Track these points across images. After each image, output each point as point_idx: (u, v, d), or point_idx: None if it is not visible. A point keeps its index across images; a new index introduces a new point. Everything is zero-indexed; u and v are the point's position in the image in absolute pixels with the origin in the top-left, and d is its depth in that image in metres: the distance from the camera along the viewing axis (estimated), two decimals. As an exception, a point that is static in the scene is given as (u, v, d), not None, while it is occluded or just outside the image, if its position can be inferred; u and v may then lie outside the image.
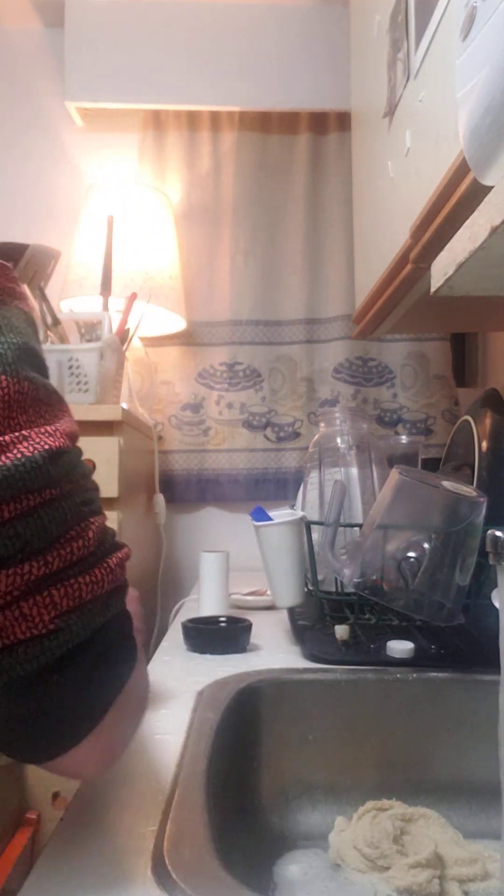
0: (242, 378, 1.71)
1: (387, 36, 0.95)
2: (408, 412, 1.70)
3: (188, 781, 0.50)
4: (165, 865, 0.39)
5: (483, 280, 0.59)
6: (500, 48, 0.46)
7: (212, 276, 1.72)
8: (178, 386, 1.72)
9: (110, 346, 1.26)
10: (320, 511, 1.01)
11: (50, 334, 1.32)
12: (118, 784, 0.50)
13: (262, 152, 1.73)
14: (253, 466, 1.70)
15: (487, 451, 0.92)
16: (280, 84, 1.70)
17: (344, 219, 1.66)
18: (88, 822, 0.44)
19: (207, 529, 1.75)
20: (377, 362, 1.72)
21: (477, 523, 0.73)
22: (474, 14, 0.50)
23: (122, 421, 1.19)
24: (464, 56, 0.51)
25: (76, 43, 1.68)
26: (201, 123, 1.73)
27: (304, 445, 1.69)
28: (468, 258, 0.53)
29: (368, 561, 0.77)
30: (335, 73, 1.65)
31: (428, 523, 0.75)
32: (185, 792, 0.48)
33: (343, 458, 1.02)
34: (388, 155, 0.96)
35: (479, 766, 0.69)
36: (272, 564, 0.97)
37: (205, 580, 1.09)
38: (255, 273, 1.71)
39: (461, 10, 0.52)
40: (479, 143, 0.51)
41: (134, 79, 1.67)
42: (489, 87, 0.48)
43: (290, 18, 1.71)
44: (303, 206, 1.71)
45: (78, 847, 0.41)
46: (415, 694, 0.72)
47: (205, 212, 1.73)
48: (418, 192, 0.78)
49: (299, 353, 1.71)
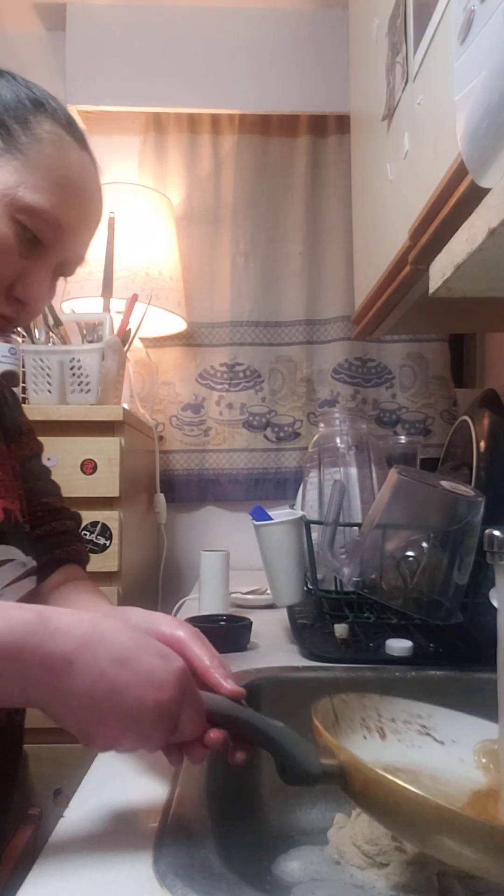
0: (242, 379, 1.72)
1: (386, 39, 0.96)
2: (406, 412, 1.71)
3: (188, 779, 0.50)
4: (166, 863, 0.39)
5: (481, 281, 0.59)
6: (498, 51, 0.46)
7: (212, 278, 1.73)
8: (179, 386, 1.72)
9: (111, 347, 1.26)
10: (320, 511, 1.01)
11: (52, 335, 1.32)
12: (119, 782, 0.50)
13: (262, 155, 1.74)
14: (253, 466, 1.71)
15: (486, 451, 0.92)
16: (280, 87, 1.71)
17: (343, 221, 1.67)
18: (90, 820, 0.45)
19: (208, 529, 1.76)
20: (376, 363, 1.73)
21: (475, 522, 0.73)
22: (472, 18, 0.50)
23: (123, 421, 1.20)
24: (462, 59, 0.52)
25: (77, 46, 1.69)
26: (202, 126, 1.74)
27: (304, 445, 1.70)
28: (466, 259, 0.54)
29: (367, 560, 0.78)
30: (334, 76, 1.66)
31: (426, 523, 0.76)
32: (185, 789, 0.49)
33: (342, 458, 1.02)
34: (387, 157, 0.97)
35: (478, 763, 0.69)
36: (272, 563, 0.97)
37: (205, 579, 1.09)
38: (255, 274, 1.72)
39: (459, 13, 0.53)
40: (476, 146, 0.51)
41: (135, 82, 1.68)
42: (487, 90, 0.48)
43: (289, 22, 1.71)
44: (302, 208, 1.72)
45: (79, 844, 0.42)
46: (413, 692, 0.73)
47: (205, 214, 1.73)
48: (417, 194, 0.78)
49: (299, 354, 1.72)
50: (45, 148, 0.57)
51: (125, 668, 0.41)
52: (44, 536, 0.73)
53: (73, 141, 0.60)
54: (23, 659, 0.39)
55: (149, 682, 0.41)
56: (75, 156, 0.59)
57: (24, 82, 0.61)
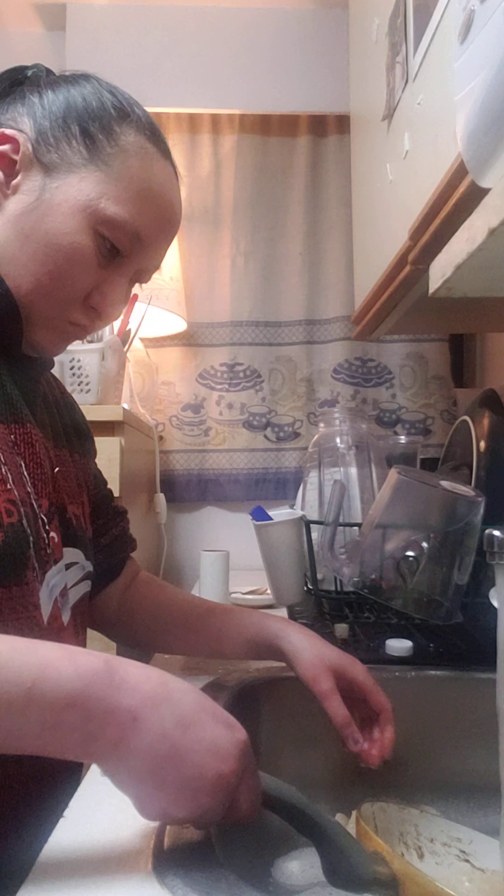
0: (243, 378, 1.72)
1: (385, 39, 0.96)
2: (406, 412, 1.71)
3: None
4: (166, 863, 0.39)
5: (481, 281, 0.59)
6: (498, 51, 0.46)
7: (212, 278, 1.73)
8: (179, 386, 1.73)
9: (111, 347, 1.26)
10: (320, 511, 1.01)
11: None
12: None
13: (262, 155, 1.74)
14: (253, 466, 1.71)
15: (485, 451, 0.92)
16: (280, 87, 1.71)
17: (343, 220, 1.67)
18: (90, 820, 0.45)
19: (208, 529, 1.76)
20: (376, 363, 1.73)
21: (475, 522, 0.73)
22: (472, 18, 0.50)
23: (123, 421, 1.19)
24: (462, 59, 0.52)
25: (77, 46, 1.69)
26: (202, 126, 1.74)
27: (304, 445, 1.69)
28: (466, 259, 0.53)
29: (367, 560, 0.78)
30: (334, 76, 1.66)
31: (426, 523, 0.76)
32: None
33: (342, 458, 1.02)
34: (387, 157, 0.97)
35: (478, 763, 0.69)
36: (272, 563, 0.97)
37: (205, 579, 1.09)
38: (255, 274, 1.72)
39: (459, 13, 0.53)
40: (476, 146, 0.51)
41: (135, 82, 1.65)
42: (487, 90, 0.48)
43: (289, 22, 1.71)
44: (302, 208, 1.72)
45: (79, 845, 0.42)
46: (413, 692, 0.73)
47: (205, 214, 1.73)
48: (417, 194, 0.78)
49: (299, 354, 1.72)
50: (129, 160, 0.57)
51: (189, 732, 0.39)
52: (118, 537, 0.78)
53: (157, 152, 0.59)
54: (87, 708, 0.37)
55: (211, 751, 0.39)
56: (158, 167, 0.59)
57: (108, 87, 0.61)
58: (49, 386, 0.72)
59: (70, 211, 0.55)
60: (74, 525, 0.65)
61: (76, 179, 0.56)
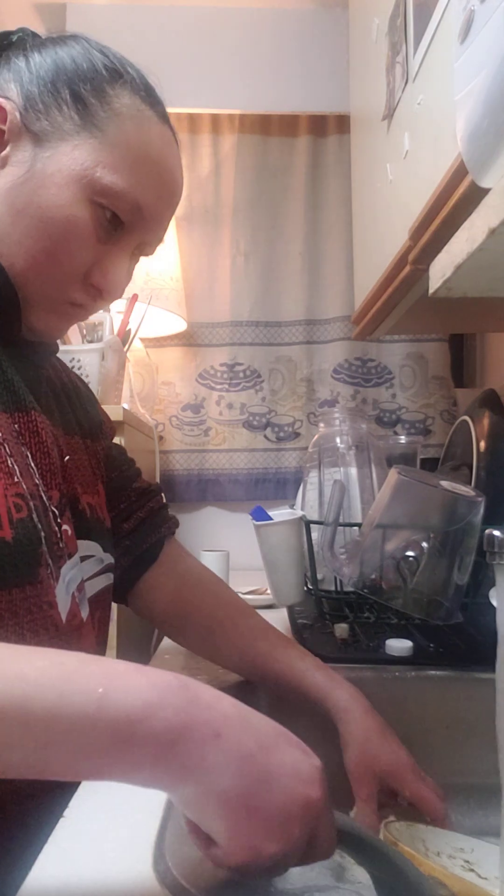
0: (242, 378, 1.72)
1: (385, 39, 0.96)
2: (406, 412, 1.71)
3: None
4: (166, 863, 0.39)
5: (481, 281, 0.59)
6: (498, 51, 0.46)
7: (212, 278, 1.73)
8: (179, 386, 1.73)
9: (112, 347, 1.26)
10: (320, 511, 1.01)
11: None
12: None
13: (262, 155, 1.74)
14: (253, 466, 1.71)
15: (485, 451, 0.92)
16: (280, 87, 1.71)
17: (343, 220, 1.67)
18: (90, 820, 0.45)
19: (208, 529, 1.76)
20: (376, 363, 1.73)
21: (475, 522, 0.73)
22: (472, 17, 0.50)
23: (124, 421, 1.20)
24: (462, 59, 0.52)
25: (77, 45, 1.68)
26: (202, 126, 1.74)
27: (304, 445, 1.70)
28: (466, 259, 0.53)
29: (367, 560, 0.78)
30: (334, 76, 1.66)
31: (426, 523, 0.76)
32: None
33: (342, 458, 1.02)
34: (387, 157, 0.97)
35: (478, 763, 0.69)
36: (272, 563, 0.97)
37: (205, 580, 1.09)
38: (255, 274, 1.72)
39: (459, 13, 0.53)
40: (476, 146, 0.51)
41: (134, 81, 1.68)
42: (487, 90, 0.48)
43: (289, 22, 1.71)
44: (302, 208, 1.72)
45: (79, 844, 0.42)
46: (413, 692, 0.73)
47: (205, 214, 1.73)
48: (417, 194, 0.78)
49: (299, 354, 1.72)
50: (125, 124, 0.53)
51: (272, 755, 0.35)
52: (145, 519, 0.74)
53: (153, 115, 0.56)
54: (164, 719, 0.33)
55: (297, 775, 0.35)
56: (156, 131, 0.56)
57: (97, 47, 0.57)
58: (55, 371, 0.69)
59: (64, 182, 0.52)
60: (88, 516, 0.62)
61: (69, 148, 0.52)
